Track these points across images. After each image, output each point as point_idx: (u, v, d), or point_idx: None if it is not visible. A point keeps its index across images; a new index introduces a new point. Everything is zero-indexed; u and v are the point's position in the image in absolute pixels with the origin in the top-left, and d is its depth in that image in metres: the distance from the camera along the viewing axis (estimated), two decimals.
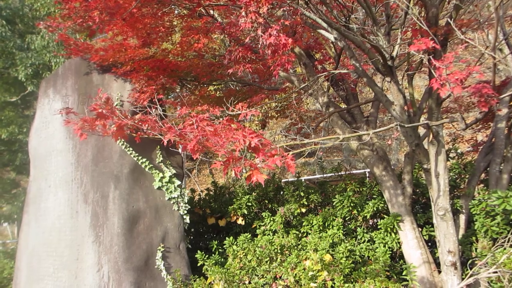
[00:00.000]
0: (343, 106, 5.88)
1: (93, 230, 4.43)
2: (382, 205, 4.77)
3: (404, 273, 4.09)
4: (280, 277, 4.41)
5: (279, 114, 9.74)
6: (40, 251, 4.90)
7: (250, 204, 5.61)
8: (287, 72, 4.56)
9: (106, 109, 2.65)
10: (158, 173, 4.80)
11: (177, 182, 4.90)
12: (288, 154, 2.27)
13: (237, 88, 7.49)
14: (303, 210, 5.35)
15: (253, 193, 5.84)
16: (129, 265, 4.25)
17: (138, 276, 4.26)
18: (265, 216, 5.32)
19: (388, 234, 4.56)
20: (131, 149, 4.67)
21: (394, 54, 3.60)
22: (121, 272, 4.21)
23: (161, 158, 4.92)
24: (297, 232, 5.08)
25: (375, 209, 4.79)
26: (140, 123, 2.56)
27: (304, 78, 5.26)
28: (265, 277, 4.47)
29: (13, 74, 9.16)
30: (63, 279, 4.53)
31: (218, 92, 6.35)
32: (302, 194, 5.39)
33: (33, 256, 5.01)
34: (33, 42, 9.07)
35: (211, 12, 4.87)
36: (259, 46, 2.88)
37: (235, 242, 4.97)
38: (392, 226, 4.39)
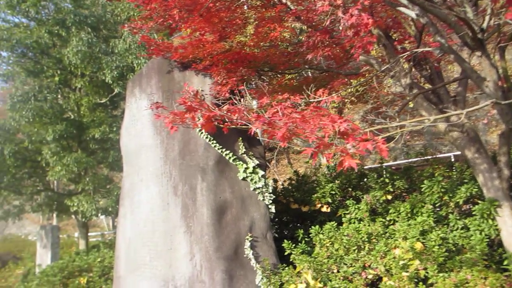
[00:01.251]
0: (427, 87, 5.57)
1: (184, 221, 4.62)
2: (476, 189, 4.44)
3: (505, 263, 3.80)
4: (369, 266, 4.30)
5: (358, 100, 9.49)
6: (137, 241, 5.21)
7: (333, 192, 5.52)
8: (368, 54, 4.39)
9: (195, 102, 2.73)
10: (242, 164, 4.88)
11: (261, 173, 4.95)
12: (378, 137, 2.18)
13: (314, 75, 7.40)
14: (389, 197, 5.16)
15: (336, 181, 5.74)
16: (219, 254, 4.37)
17: (228, 265, 4.37)
18: (350, 204, 5.19)
19: (485, 221, 4.23)
20: (215, 141, 4.79)
21: (484, 25, 3.32)
22: (213, 261, 4.35)
23: (244, 149, 4.98)
24: (383, 220, 4.91)
25: (468, 194, 4.47)
26: (229, 114, 2.60)
27: (384, 60, 5.05)
28: (354, 266, 4.38)
29: (100, 77, 9.81)
30: (158, 267, 4.79)
31: (293, 81, 6.30)
32: (387, 180, 5.21)
33: (130, 246, 5.35)
34: (116, 46, 9.61)
35: (283, 0, 4.82)
36: (340, 28, 2.79)
37: (321, 231, 4.91)
38: (488, 212, 4.06)
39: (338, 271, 4.43)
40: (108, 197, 10.37)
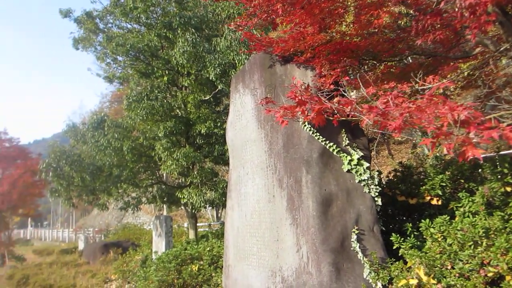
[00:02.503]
0: None
1: (290, 213, 4.68)
2: None
3: None
4: (489, 263, 3.98)
5: (468, 85, 8.78)
6: (244, 232, 5.41)
7: (444, 184, 5.20)
8: (486, 34, 4.05)
9: (305, 95, 2.74)
10: (346, 156, 4.80)
11: (366, 164, 4.83)
12: (503, 124, 2.00)
13: (419, 61, 6.99)
14: (508, 189, 4.72)
15: (446, 172, 5.40)
16: (326, 247, 4.36)
17: (335, 257, 4.34)
18: (463, 196, 4.85)
19: None
20: (318, 134, 4.77)
21: None
22: (319, 253, 4.35)
23: (347, 141, 4.90)
24: (502, 214, 4.50)
25: None
26: (341, 106, 2.57)
27: (500, 40, 4.61)
28: (471, 262, 4.08)
29: (204, 75, 10.26)
30: (266, 258, 4.92)
31: (393, 68, 6.02)
32: (505, 171, 4.77)
33: (238, 236, 5.57)
34: (218, 44, 9.98)
35: None
36: (456, 9, 2.60)
37: (431, 225, 4.66)
38: None
39: (452, 268, 4.18)
40: (215, 189, 10.84)
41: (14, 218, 25.52)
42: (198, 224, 14.65)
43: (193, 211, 11.79)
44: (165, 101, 10.84)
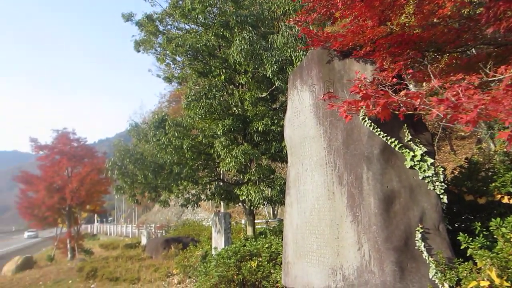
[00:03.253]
0: None
1: (350, 210, 4.60)
2: None
3: None
4: None
5: None
6: (303, 229, 5.38)
7: None
8: None
9: (370, 89, 2.67)
10: (409, 152, 4.64)
11: (430, 160, 4.63)
12: None
13: (487, 51, 6.61)
14: None
15: None
16: (389, 245, 4.24)
17: (399, 256, 4.21)
18: None
19: None
20: (379, 129, 4.64)
21: None
22: (382, 252, 4.24)
23: (409, 137, 4.73)
24: None
25: None
26: (409, 99, 2.48)
27: None
28: None
29: (261, 72, 10.30)
30: (326, 255, 4.86)
31: (458, 60, 5.71)
32: None
33: (297, 233, 5.54)
34: (275, 41, 9.97)
35: None
36: None
37: (503, 224, 4.39)
38: None
39: None
40: (272, 187, 10.86)
41: (82, 214, 27.00)
42: (255, 221, 14.76)
43: (251, 208, 11.89)
44: (222, 99, 11.00)
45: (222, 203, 32.25)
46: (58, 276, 16.12)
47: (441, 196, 4.62)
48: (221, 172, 13.62)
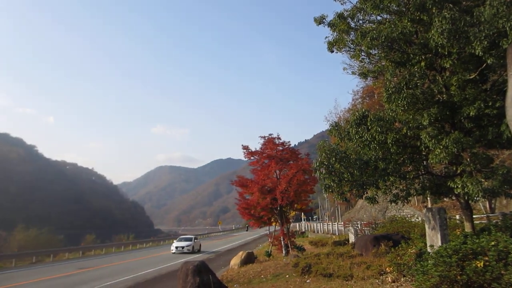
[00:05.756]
0: None
1: None
2: None
3: None
4: None
5: None
6: None
7: None
8: None
9: None
10: None
11: None
12: None
13: None
14: None
15: None
16: None
17: None
18: None
19: None
20: None
21: None
22: None
23: None
24: None
25: None
26: None
27: None
28: None
29: (468, 51, 9.31)
30: None
31: None
32: None
33: None
34: (482, 14, 8.90)
35: None
36: None
37: None
38: None
39: None
40: (492, 177, 9.68)
41: (290, 213, 28.73)
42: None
43: (468, 201, 10.85)
44: (425, 87, 10.36)
45: (428, 198, 30.35)
46: (276, 270, 17.42)
47: None
48: (428, 165, 12.81)
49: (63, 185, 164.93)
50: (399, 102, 10.07)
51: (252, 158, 26.51)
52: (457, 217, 21.02)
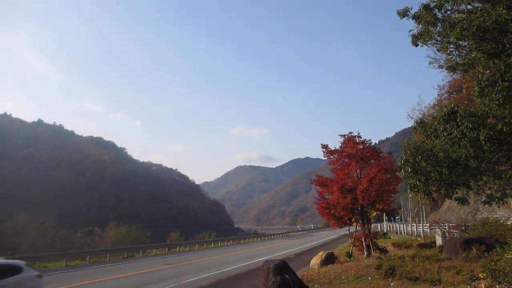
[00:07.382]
0: None
1: None
2: None
3: None
4: None
5: None
6: None
7: None
8: None
9: None
10: None
11: None
12: None
13: None
14: None
15: None
16: None
17: None
18: None
19: None
20: None
21: None
22: None
23: None
24: None
25: None
26: None
27: None
28: None
29: None
30: None
31: None
32: None
33: None
34: None
35: None
36: None
37: None
38: None
39: None
40: None
41: (371, 213, 27.91)
42: None
43: None
44: None
45: None
46: (357, 272, 17.00)
47: None
48: None
49: (150, 185, 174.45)
50: (493, 96, 9.39)
51: (331, 157, 26.07)
52: None
